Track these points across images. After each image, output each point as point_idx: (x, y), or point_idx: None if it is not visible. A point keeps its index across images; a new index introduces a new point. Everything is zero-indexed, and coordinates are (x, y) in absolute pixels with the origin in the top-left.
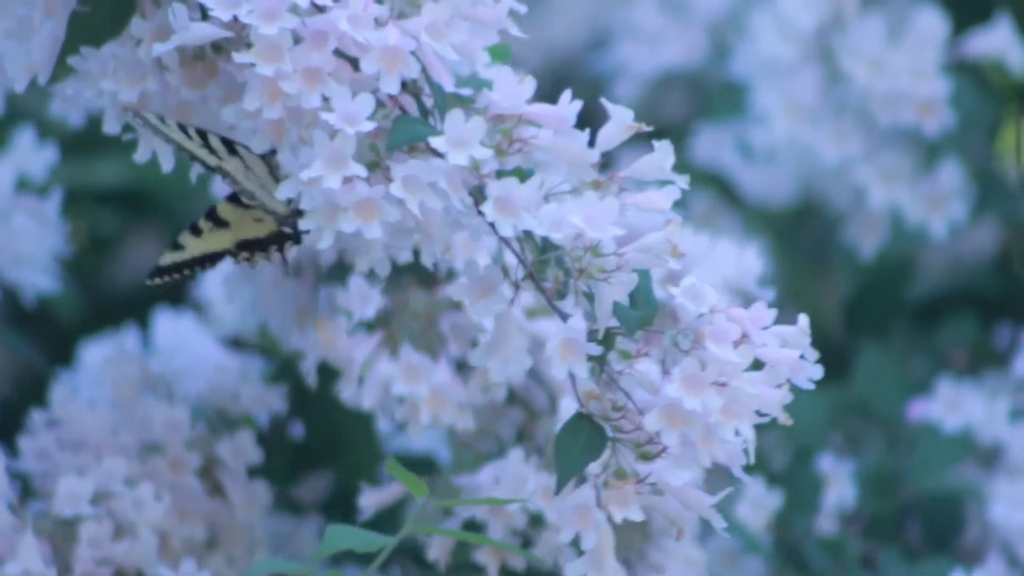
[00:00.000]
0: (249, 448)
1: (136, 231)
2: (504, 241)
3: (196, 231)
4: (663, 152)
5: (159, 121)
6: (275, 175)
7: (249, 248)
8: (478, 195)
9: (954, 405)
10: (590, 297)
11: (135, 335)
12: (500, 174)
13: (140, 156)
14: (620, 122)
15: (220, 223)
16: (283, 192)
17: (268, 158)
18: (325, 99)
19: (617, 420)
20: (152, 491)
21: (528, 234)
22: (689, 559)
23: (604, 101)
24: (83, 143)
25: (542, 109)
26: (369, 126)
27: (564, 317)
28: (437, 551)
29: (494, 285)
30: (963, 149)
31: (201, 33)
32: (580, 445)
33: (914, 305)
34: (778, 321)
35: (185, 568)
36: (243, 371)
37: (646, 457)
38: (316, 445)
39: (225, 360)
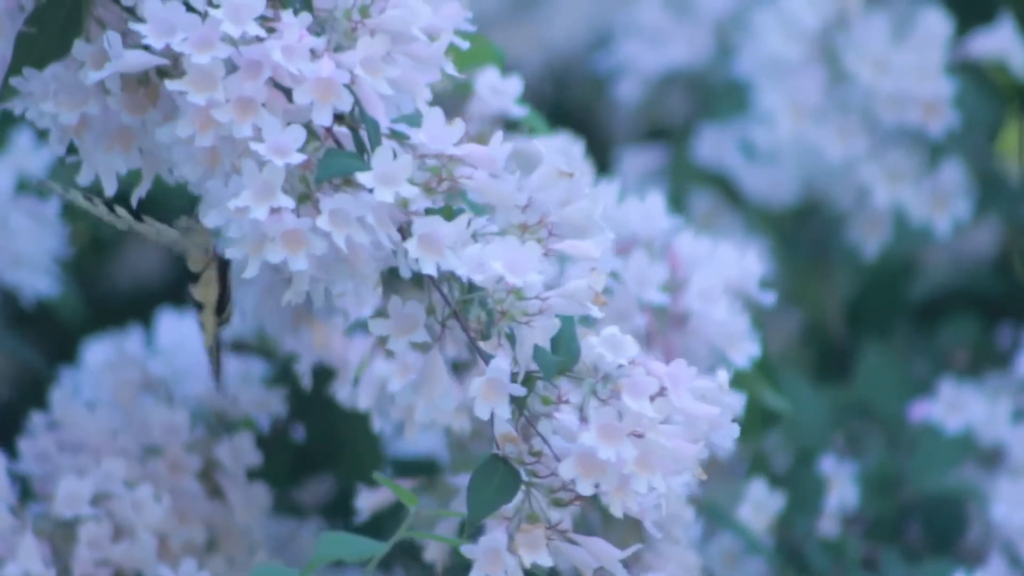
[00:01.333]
0: (248, 450)
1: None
2: (430, 279)
3: (193, 278)
4: (593, 201)
5: (64, 190)
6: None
7: (220, 312)
8: (407, 232)
9: (955, 406)
10: (511, 339)
11: (137, 336)
12: (429, 212)
13: (83, 179)
14: (552, 167)
15: (199, 306)
16: (210, 220)
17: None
18: (256, 129)
19: (532, 465)
20: (151, 493)
21: (454, 274)
22: (684, 562)
23: (534, 142)
24: None
25: (472, 150)
26: (299, 158)
27: (486, 358)
28: (434, 553)
29: (417, 322)
30: (965, 149)
31: (135, 61)
32: (494, 487)
33: (915, 305)
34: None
35: (185, 569)
36: (243, 374)
37: (559, 503)
38: (316, 448)
39: (225, 363)
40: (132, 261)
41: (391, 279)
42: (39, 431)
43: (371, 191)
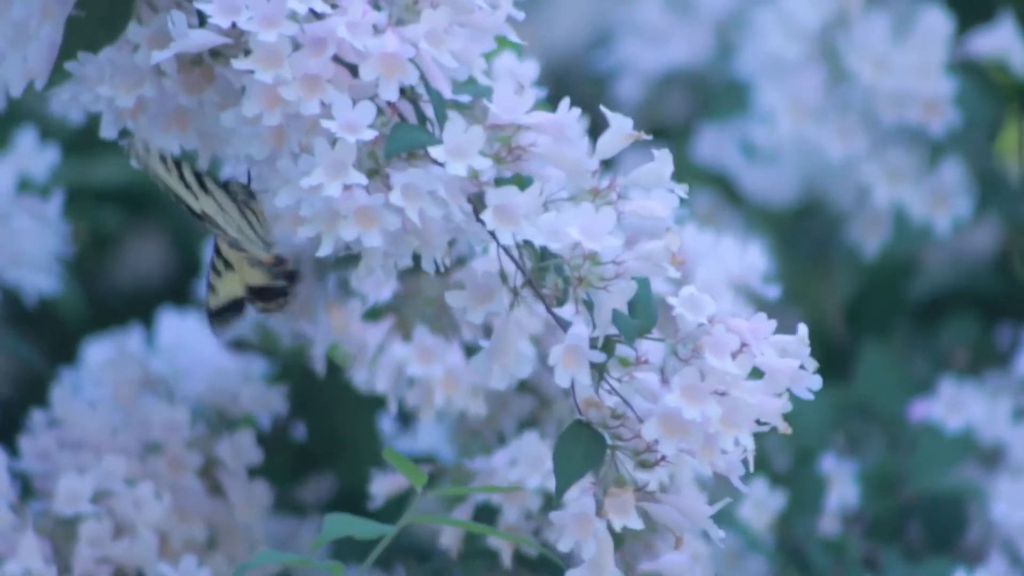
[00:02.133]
0: (249, 448)
1: (137, 230)
2: (503, 248)
3: (216, 270)
4: (662, 161)
5: (146, 152)
6: (249, 217)
7: (258, 296)
8: (477, 202)
9: (956, 405)
10: (589, 305)
11: (138, 335)
12: (499, 182)
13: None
14: (619, 130)
15: (227, 264)
16: (282, 199)
17: (240, 197)
18: (324, 105)
19: (616, 428)
20: (152, 491)
21: (527, 242)
22: (694, 551)
23: (604, 109)
24: (83, 141)
25: (541, 118)
26: (370, 134)
27: (564, 325)
28: (448, 539)
29: (493, 291)
30: (965, 148)
31: (200, 40)
32: (579, 453)
33: (915, 305)
34: (779, 321)
35: (185, 566)
36: (244, 372)
37: (645, 465)
38: (318, 446)
39: (226, 361)
40: (132, 260)
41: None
42: (40, 429)
43: (442, 164)
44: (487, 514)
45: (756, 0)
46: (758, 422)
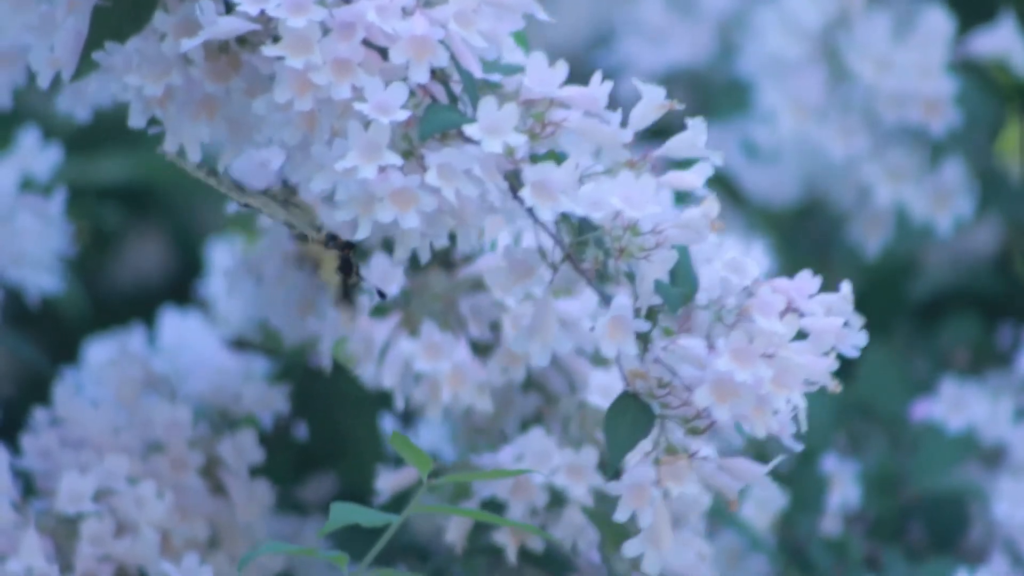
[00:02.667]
0: (251, 448)
1: (138, 229)
2: (541, 224)
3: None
4: (696, 130)
5: (181, 159)
6: (293, 211)
7: (343, 273)
8: (513, 180)
9: (957, 405)
10: (631, 277)
11: (139, 335)
12: (533, 158)
13: (168, 146)
14: (652, 101)
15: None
16: (316, 184)
17: (281, 198)
18: (355, 90)
19: (663, 397)
20: (154, 489)
21: (565, 216)
22: (698, 550)
23: (635, 81)
24: (85, 140)
25: (574, 92)
26: (403, 115)
27: (605, 298)
28: (454, 533)
29: (532, 268)
30: (966, 148)
31: (229, 27)
32: (628, 423)
33: (916, 305)
34: None
35: (187, 564)
36: (246, 371)
37: (695, 432)
38: (319, 446)
39: (228, 360)
40: (134, 259)
41: (414, 258)
42: (42, 427)
43: (478, 143)
44: (492, 511)
45: (757, 0)
46: (806, 382)
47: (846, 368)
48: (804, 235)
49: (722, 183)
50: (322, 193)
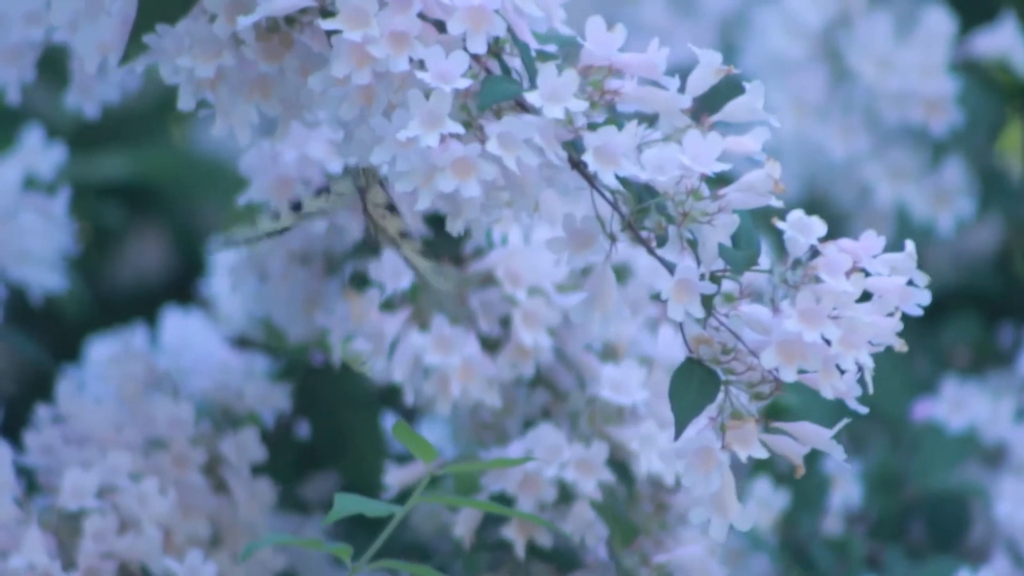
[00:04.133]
0: (253, 446)
1: (140, 227)
2: (600, 193)
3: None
4: (754, 94)
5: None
6: (360, 176)
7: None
8: (571, 150)
9: (958, 404)
10: (693, 243)
11: (142, 333)
12: (591, 126)
13: (217, 130)
14: (709, 65)
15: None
16: (377, 156)
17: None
18: (412, 62)
19: (728, 363)
20: (156, 486)
21: (625, 183)
22: (704, 546)
23: (691, 46)
24: (87, 138)
25: (632, 58)
26: (464, 83)
27: (669, 266)
28: (462, 527)
29: (592, 237)
30: (968, 147)
31: (286, 3)
32: (694, 389)
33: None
34: None
35: (190, 560)
36: (248, 369)
37: (760, 397)
38: (321, 444)
39: (230, 358)
40: (135, 258)
41: (424, 252)
42: (45, 424)
43: (539, 110)
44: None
45: (758, 0)
46: (871, 343)
47: None
48: None
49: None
50: (382, 165)
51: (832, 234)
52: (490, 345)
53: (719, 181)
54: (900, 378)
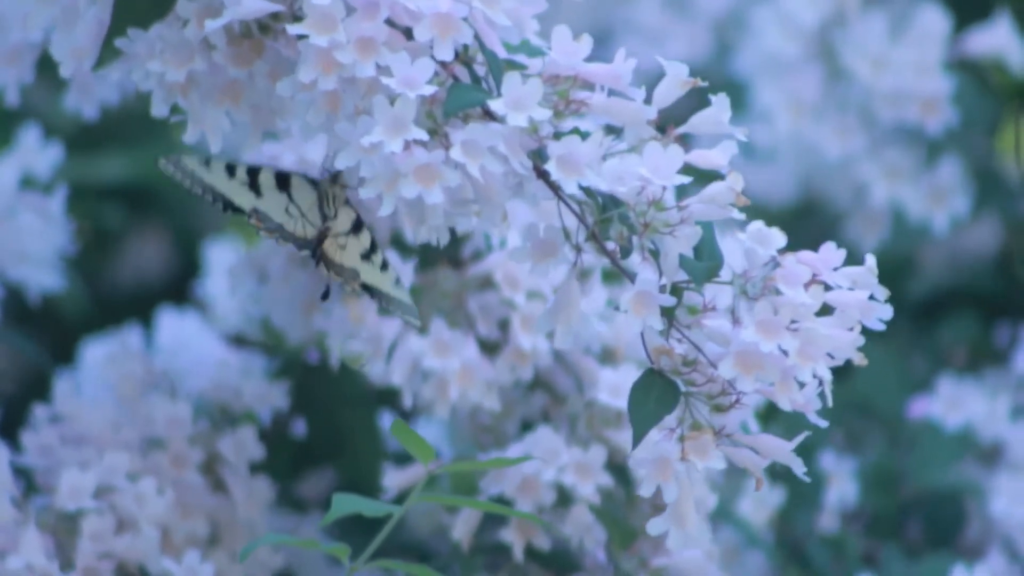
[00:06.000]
0: (251, 444)
1: (139, 228)
2: (565, 203)
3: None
4: (720, 107)
5: (202, 167)
6: (326, 201)
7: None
8: (537, 159)
9: (955, 403)
10: (655, 254)
11: (138, 333)
12: (556, 136)
13: (189, 137)
14: (675, 77)
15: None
16: (341, 161)
17: (324, 185)
18: (379, 68)
19: (688, 374)
20: (154, 486)
21: (589, 193)
22: (704, 548)
23: (659, 58)
24: (86, 139)
25: (597, 68)
26: (429, 89)
27: (630, 277)
28: (461, 529)
29: (556, 247)
30: (963, 147)
31: (253, 7)
32: (653, 400)
33: (914, 303)
34: None
35: (188, 561)
36: (245, 368)
37: (720, 409)
38: (318, 442)
39: (228, 357)
40: (134, 258)
41: (423, 255)
42: (42, 424)
43: (502, 118)
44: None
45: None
46: (831, 357)
47: (845, 367)
48: (801, 234)
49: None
50: (348, 171)
51: (828, 233)
52: (489, 348)
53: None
54: (897, 376)
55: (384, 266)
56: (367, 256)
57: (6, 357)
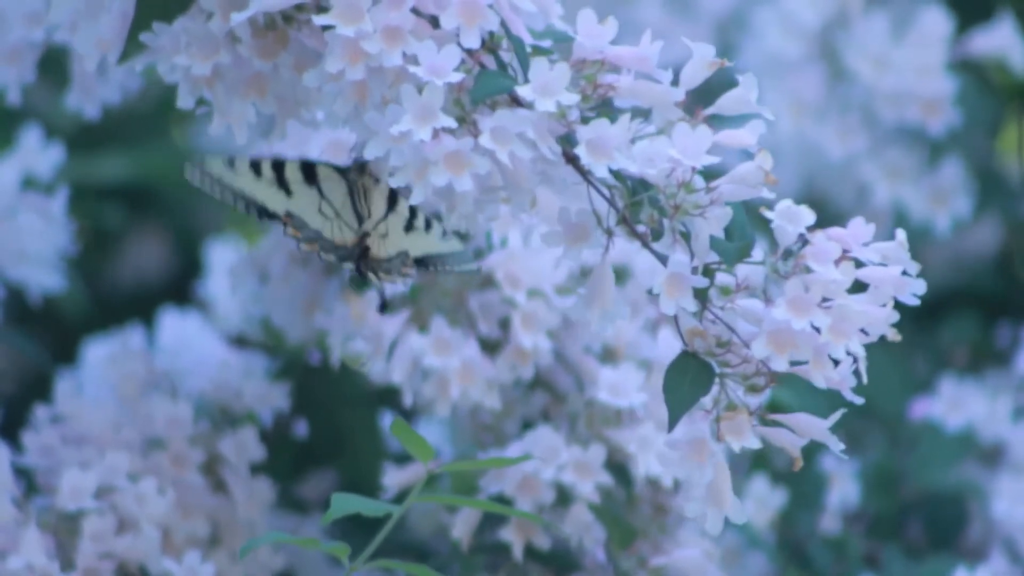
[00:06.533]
0: (251, 445)
1: (139, 228)
2: (595, 187)
3: None
4: (747, 86)
5: (228, 170)
6: (358, 196)
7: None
8: (565, 145)
9: (956, 403)
10: (686, 236)
11: (139, 334)
12: (585, 120)
13: (215, 129)
14: (703, 58)
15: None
16: (370, 151)
17: (351, 174)
18: (406, 57)
19: (723, 355)
20: (155, 486)
21: (619, 177)
22: (703, 548)
23: (685, 39)
24: (86, 139)
25: (624, 51)
26: (456, 77)
27: (662, 259)
28: (460, 529)
29: (588, 230)
30: (965, 147)
31: (277, 0)
32: (688, 382)
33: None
34: None
35: (189, 561)
36: (247, 368)
37: (755, 389)
38: (319, 443)
39: (229, 357)
40: (134, 259)
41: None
42: (43, 424)
43: (530, 104)
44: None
45: (756, 0)
46: (864, 333)
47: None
48: None
49: None
50: (377, 161)
51: None
52: (489, 347)
53: (717, 175)
54: (898, 377)
55: (428, 225)
56: (409, 226)
57: (7, 357)
